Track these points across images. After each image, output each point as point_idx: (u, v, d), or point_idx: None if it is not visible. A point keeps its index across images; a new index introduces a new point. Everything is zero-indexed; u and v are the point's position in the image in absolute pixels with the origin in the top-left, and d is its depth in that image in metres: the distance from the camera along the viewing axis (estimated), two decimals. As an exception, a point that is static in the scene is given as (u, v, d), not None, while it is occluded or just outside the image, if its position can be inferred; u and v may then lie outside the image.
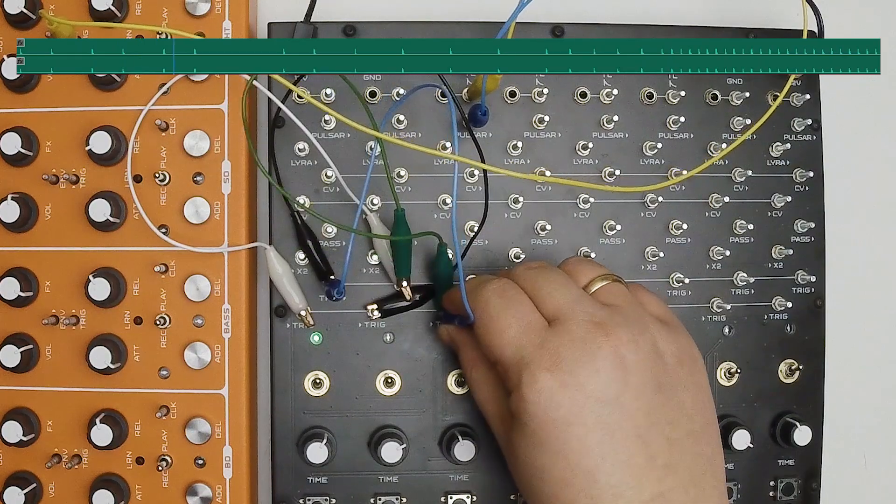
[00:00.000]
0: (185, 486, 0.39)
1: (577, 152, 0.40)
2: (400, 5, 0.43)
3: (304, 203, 0.39)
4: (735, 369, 0.40)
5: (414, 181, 0.40)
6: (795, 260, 0.41)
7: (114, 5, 0.38)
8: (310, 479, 0.39)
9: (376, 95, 0.40)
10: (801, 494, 0.41)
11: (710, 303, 0.41)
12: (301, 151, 0.39)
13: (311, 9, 0.40)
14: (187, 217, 0.39)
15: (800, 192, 0.41)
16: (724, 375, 0.41)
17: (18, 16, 0.38)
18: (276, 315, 0.39)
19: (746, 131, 0.41)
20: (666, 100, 0.41)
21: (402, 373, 0.40)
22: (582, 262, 0.35)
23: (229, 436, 0.39)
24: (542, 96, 0.40)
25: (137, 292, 0.39)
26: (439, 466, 0.40)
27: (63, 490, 0.39)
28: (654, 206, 0.40)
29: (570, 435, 0.30)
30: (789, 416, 0.40)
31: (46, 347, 0.39)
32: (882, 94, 0.45)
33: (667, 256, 0.41)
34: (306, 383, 0.40)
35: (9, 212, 0.38)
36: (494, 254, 0.40)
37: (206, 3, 0.39)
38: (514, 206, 0.40)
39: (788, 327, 0.41)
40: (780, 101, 0.40)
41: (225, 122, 0.39)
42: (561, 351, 0.31)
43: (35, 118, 0.39)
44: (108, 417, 0.38)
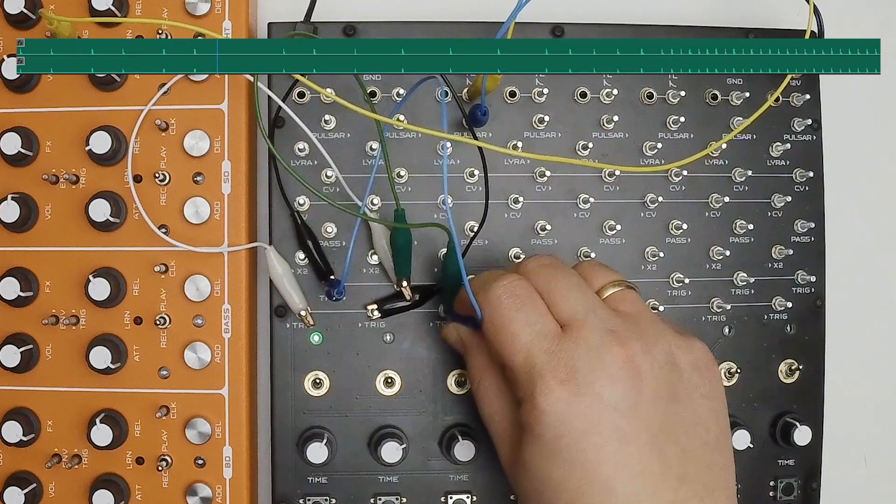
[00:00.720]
0: (185, 486, 0.39)
1: (577, 152, 0.40)
2: (400, 5, 0.43)
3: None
4: (735, 369, 0.40)
5: (414, 181, 0.40)
6: (795, 260, 0.41)
7: (114, 5, 0.38)
8: (310, 479, 0.39)
9: (376, 95, 0.40)
10: (801, 494, 0.41)
11: (710, 303, 0.41)
12: (301, 151, 0.39)
13: (311, 9, 0.40)
14: (187, 217, 0.39)
15: (800, 192, 0.41)
16: (724, 375, 0.41)
17: (18, 16, 0.38)
18: (276, 315, 0.39)
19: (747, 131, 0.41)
20: (666, 100, 0.41)
21: (402, 373, 0.40)
22: (595, 267, 0.34)
23: (229, 436, 0.39)
24: (542, 96, 0.40)
25: (137, 292, 0.39)
26: (439, 466, 0.40)
27: (63, 490, 0.39)
28: (654, 206, 0.40)
29: (586, 444, 0.29)
30: (789, 416, 0.40)
31: (46, 347, 0.39)
32: (882, 94, 0.45)
33: (667, 256, 0.41)
34: (306, 383, 0.40)
35: (9, 212, 0.38)
36: (494, 254, 0.40)
37: (206, 3, 0.39)
38: (514, 206, 0.40)
39: (788, 327, 0.41)
40: (773, 99, 0.39)
41: (225, 122, 0.39)
42: (576, 360, 0.30)
43: (35, 118, 0.39)
44: (108, 417, 0.38)
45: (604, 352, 0.30)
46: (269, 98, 0.39)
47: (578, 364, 0.30)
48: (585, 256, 0.40)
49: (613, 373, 0.30)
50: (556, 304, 0.32)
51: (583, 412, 0.30)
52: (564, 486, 0.30)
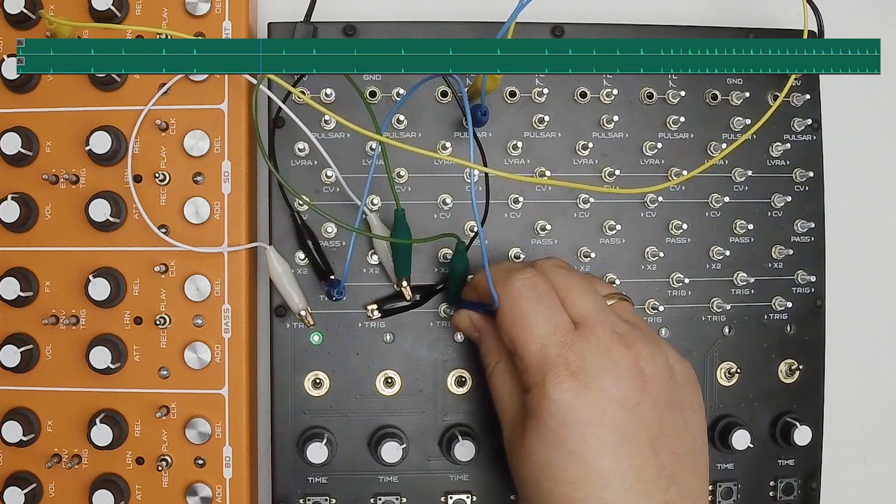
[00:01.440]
0: (185, 486, 0.39)
1: (577, 152, 0.40)
2: (400, 5, 0.43)
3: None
4: (735, 369, 0.40)
5: (414, 181, 0.40)
6: (795, 260, 0.41)
7: (114, 5, 0.38)
8: (310, 479, 0.39)
9: (376, 95, 0.40)
10: (801, 494, 0.41)
11: (710, 303, 0.41)
12: (301, 151, 0.39)
13: (311, 9, 0.40)
14: (187, 217, 0.39)
15: (800, 192, 0.41)
16: (724, 375, 0.41)
17: (18, 16, 0.38)
18: (276, 315, 0.39)
19: (747, 131, 0.41)
20: (666, 100, 0.41)
21: (402, 373, 0.40)
22: (594, 278, 0.37)
23: (229, 436, 0.39)
24: (542, 96, 0.40)
25: (137, 292, 0.39)
26: (439, 466, 0.40)
27: (63, 490, 0.39)
28: (654, 206, 0.40)
29: (589, 435, 0.31)
30: (789, 416, 0.40)
31: (46, 347, 0.39)
32: (882, 94, 0.45)
33: (667, 256, 0.41)
34: (306, 383, 0.40)
35: (9, 212, 0.38)
36: (494, 254, 0.40)
37: (206, 3, 0.39)
38: (514, 206, 0.40)
39: (788, 327, 0.41)
40: (778, 103, 0.40)
41: (225, 122, 0.39)
42: (586, 355, 0.32)
43: (35, 118, 0.39)
44: (108, 417, 0.38)
45: (613, 351, 0.32)
46: (269, 98, 0.39)
47: (589, 359, 0.32)
48: (585, 256, 0.40)
49: (621, 372, 0.32)
50: (572, 303, 0.33)
51: (589, 404, 0.31)
52: (562, 475, 0.31)
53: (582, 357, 0.32)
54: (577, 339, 0.32)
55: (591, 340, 0.32)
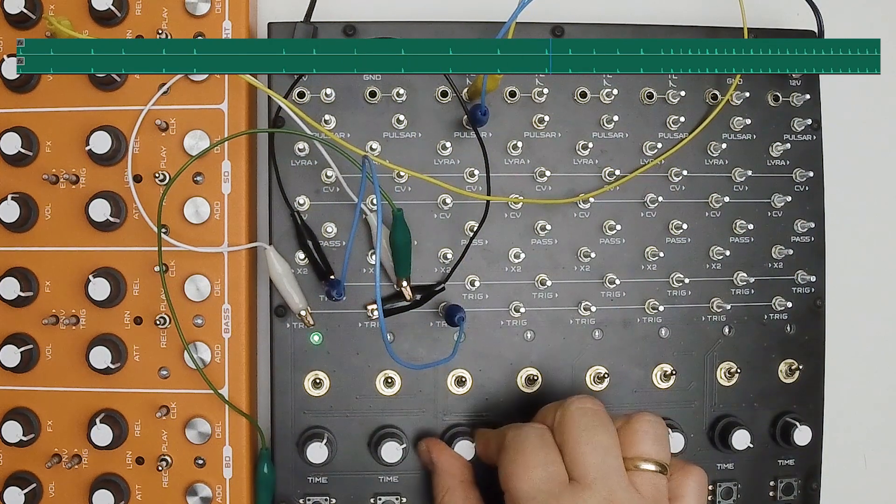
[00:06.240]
0: (185, 486, 0.39)
1: (577, 152, 0.40)
2: (400, 5, 0.43)
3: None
4: (735, 369, 0.40)
5: (414, 181, 0.40)
6: (795, 260, 0.41)
7: (114, 5, 0.38)
8: (310, 479, 0.39)
9: (376, 95, 0.40)
10: (801, 494, 0.41)
11: (710, 303, 0.41)
12: (301, 151, 0.39)
13: (311, 9, 0.40)
14: (187, 217, 0.39)
15: (800, 192, 0.41)
16: (724, 375, 0.41)
17: (18, 16, 0.38)
18: (276, 315, 0.39)
19: (747, 132, 0.41)
20: (666, 100, 0.41)
21: (402, 373, 0.40)
22: (649, 432, 0.34)
23: (229, 436, 0.39)
24: (542, 96, 0.40)
25: (137, 292, 0.39)
26: (439, 466, 0.40)
27: (63, 490, 0.39)
28: (654, 206, 0.40)
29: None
30: (789, 416, 0.40)
31: (46, 347, 0.39)
32: (882, 94, 0.45)
33: (667, 256, 0.41)
34: (306, 383, 0.40)
35: (9, 212, 0.38)
36: (494, 254, 0.40)
37: (206, 3, 0.39)
38: (514, 206, 0.40)
39: (788, 327, 0.41)
40: (724, 102, 0.40)
41: (225, 122, 0.39)
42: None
43: (35, 118, 0.39)
44: (108, 417, 0.38)
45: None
46: (269, 98, 0.39)
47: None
48: (585, 256, 0.40)
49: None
50: (575, 460, 0.33)
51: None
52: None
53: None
54: (568, 496, 0.32)
55: (577, 502, 0.32)
